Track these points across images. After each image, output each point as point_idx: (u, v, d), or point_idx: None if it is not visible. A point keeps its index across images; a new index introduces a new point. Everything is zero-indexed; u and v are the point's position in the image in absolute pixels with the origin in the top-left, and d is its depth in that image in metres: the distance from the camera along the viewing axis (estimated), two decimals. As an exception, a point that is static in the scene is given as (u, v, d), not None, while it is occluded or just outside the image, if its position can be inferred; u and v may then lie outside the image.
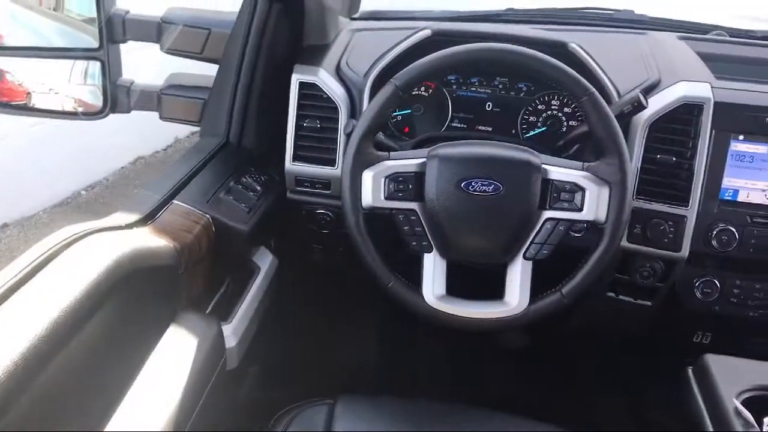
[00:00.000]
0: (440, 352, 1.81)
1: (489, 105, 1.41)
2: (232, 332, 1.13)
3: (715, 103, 1.21)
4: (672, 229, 1.23)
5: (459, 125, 1.43)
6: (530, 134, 1.40)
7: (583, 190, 1.08)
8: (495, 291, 1.14)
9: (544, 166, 1.10)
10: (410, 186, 1.11)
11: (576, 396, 1.72)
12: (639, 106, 1.15)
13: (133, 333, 0.94)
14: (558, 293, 1.10)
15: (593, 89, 1.07)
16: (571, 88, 1.08)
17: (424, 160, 1.11)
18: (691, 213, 1.22)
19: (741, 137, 1.22)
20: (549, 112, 1.39)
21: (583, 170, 1.09)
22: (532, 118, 1.40)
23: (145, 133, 4.12)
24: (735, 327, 1.34)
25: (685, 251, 1.24)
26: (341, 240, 1.36)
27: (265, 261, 1.31)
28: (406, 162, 1.12)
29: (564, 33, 1.42)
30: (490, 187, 1.08)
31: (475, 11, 1.68)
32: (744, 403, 0.95)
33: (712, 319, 1.32)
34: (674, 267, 1.26)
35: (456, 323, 1.12)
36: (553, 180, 1.09)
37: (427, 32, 1.35)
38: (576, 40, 1.36)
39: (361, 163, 1.11)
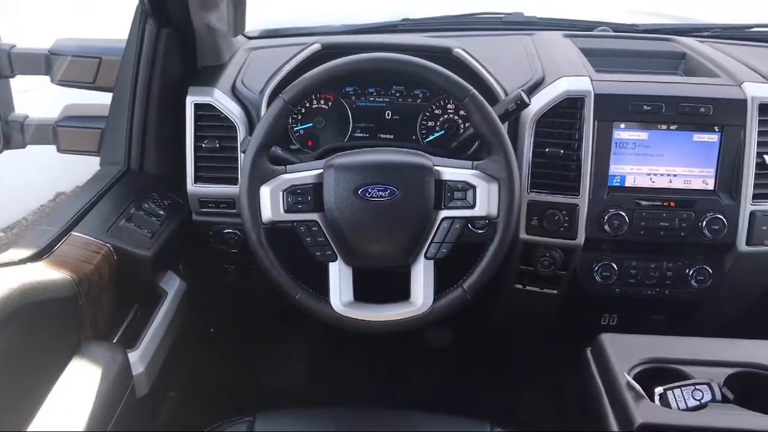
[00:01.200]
0: (366, 359, 1.83)
1: (388, 113, 1.45)
2: (138, 359, 1.12)
3: (596, 95, 1.27)
4: (566, 218, 1.29)
5: (361, 135, 1.46)
6: (430, 138, 1.44)
7: (473, 187, 1.12)
8: (403, 293, 1.16)
9: (436, 167, 1.13)
10: (309, 197, 1.13)
11: (498, 387, 1.77)
12: (522, 104, 1.20)
13: (31, 368, 0.92)
14: (460, 289, 1.14)
15: (474, 90, 1.12)
16: (453, 91, 1.12)
17: (321, 171, 1.13)
18: (582, 201, 1.28)
19: (622, 125, 1.29)
20: (446, 116, 1.43)
21: (473, 169, 1.13)
22: (430, 123, 1.44)
23: (68, 167, 4.00)
24: (637, 306, 1.41)
25: (580, 238, 1.29)
26: (252, 258, 1.37)
27: (172, 285, 1.30)
28: (303, 174, 1.13)
29: (453, 39, 1.47)
30: (387, 192, 1.11)
31: (371, 23, 1.71)
32: (636, 376, 1.00)
33: (615, 300, 1.39)
34: (572, 254, 1.32)
35: (364, 328, 1.14)
36: (446, 180, 1.13)
37: (317, 46, 1.38)
38: (464, 44, 1.41)
39: (258, 178, 1.12)
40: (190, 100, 1.33)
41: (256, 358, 1.85)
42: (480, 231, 1.33)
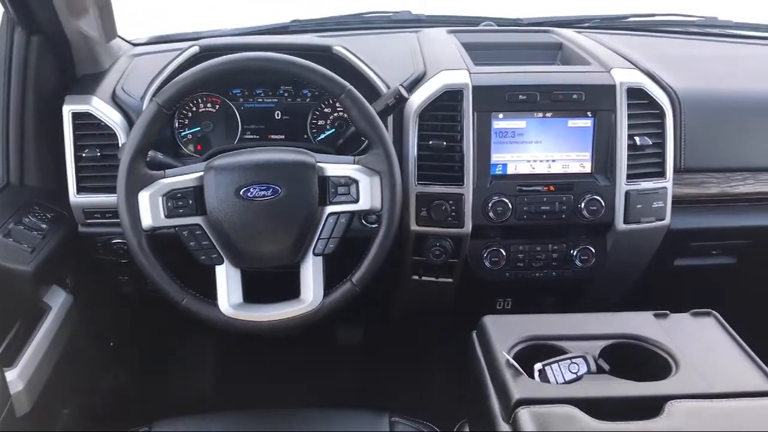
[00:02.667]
0: (274, 361, 1.82)
1: (278, 114, 1.45)
2: (17, 376, 1.08)
3: (474, 87, 1.31)
4: (453, 208, 1.32)
5: (251, 137, 1.45)
6: (321, 137, 1.45)
7: (356, 182, 1.13)
8: (297, 290, 1.17)
9: (319, 164, 1.14)
10: (190, 201, 1.11)
11: (402, 378, 1.79)
12: (401, 98, 1.23)
13: None
14: (349, 282, 1.15)
15: (350, 86, 1.13)
16: (329, 88, 1.14)
17: (202, 173, 1.12)
18: (467, 191, 1.32)
19: (501, 115, 1.33)
20: (336, 114, 1.45)
21: (354, 164, 1.15)
22: (320, 122, 1.45)
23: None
24: (528, 289, 1.46)
25: (468, 226, 1.33)
26: None
27: (57, 300, 1.26)
28: (184, 178, 1.12)
29: (338, 38, 1.48)
30: (269, 191, 1.11)
31: (261, 26, 1.71)
32: (517, 354, 1.03)
33: (508, 285, 1.43)
34: (462, 242, 1.35)
35: (255, 329, 1.14)
36: (329, 176, 1.14)
37: (195, 49, 1.36)
38: (349, 43, 1.42)
39: (135, 184, 1.10)
40: (67, 109, 1.30)
41: (160, 367, 1.82)
42: (373, 225, 1.35)
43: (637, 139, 1.33)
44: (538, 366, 1.00)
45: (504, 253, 1.38)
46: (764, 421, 0.90)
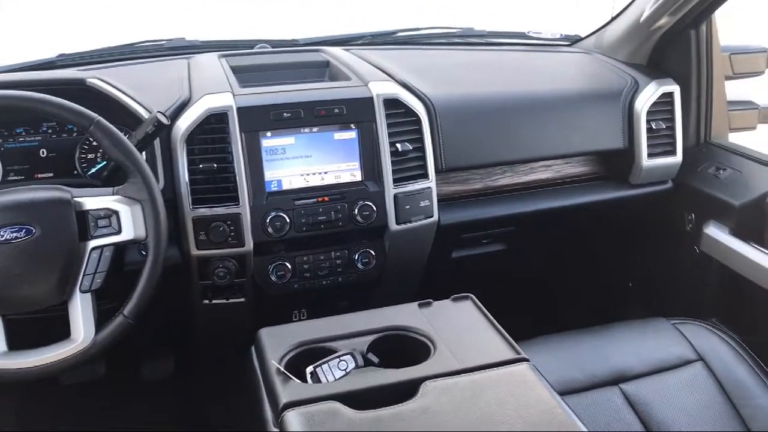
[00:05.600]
0: (78, 410, 1.75)
1: (43, 152, 1.39)
2: None
3: (238, 108, 1.35)
4: (232, 228, 1.34)
5: (16, 178, 1.39)
6: (92, 171, 1.42)
7: (116, 213, 1.13)
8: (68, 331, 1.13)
9: (75, 199, 1.12)
10: None
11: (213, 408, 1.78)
12: (160, 125, 1.23)
13: None
14: (121, 316, 1.14)
15: (99, 118, 1.12)
16: (76, 121, 1.12)
17: None
18: (244, 210, 1.34)
19: (269, 134, 1.37)
20: None
21: (114, 194, 1.14)
22: (90, 155, 1.41)
23: None
24: (320, 298, 1.51)
25: (249, 244, 1.36)
26: None
27: None
28: None
29: (101, 70, 1.46)
30: (22, 233, 1.08)
31: (26, 62, 1.64)
32: (290, 360, 1.08)
33: (298, 296, 1.47)
34: (245, 261, 1.38)
35: (24, 376, 1.10)
36: (88, 210, 1.12)
37: None
38: (115, 74, 1.41)
39: None
40: None
41: None
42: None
43: (398, 145, 1.43)
44: (309, 369, 1.05)
45: (289, 266, 1.42)
46: (506, 386, 1.00)
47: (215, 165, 1.34)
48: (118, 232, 1.13)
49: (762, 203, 1.53)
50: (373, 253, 1.47)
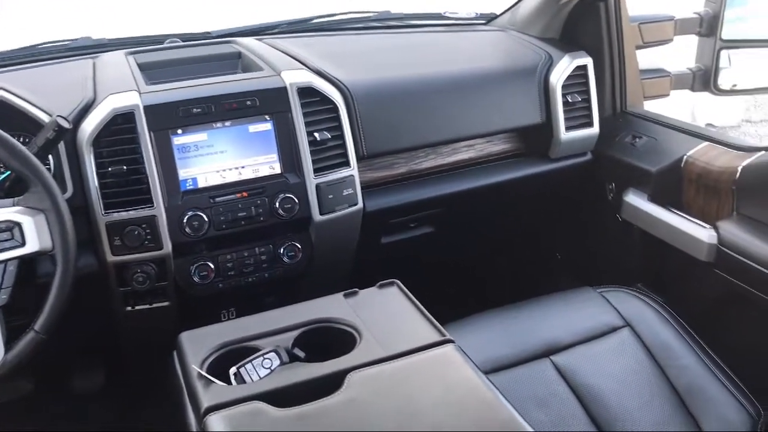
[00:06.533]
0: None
1: None
2: None
3: (145, 107, 1.30)
4: (147, 231, 1.30)
5: None
6: None
7: (18, 224, 1.07)
8: None
9: None
10: None
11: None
12: (61, 129, 1.18)
13: None
14: (32, 332, 1.09)
15: None
16: None
17: None
18: (159, 211, 1.30)
19: (179, 131, 1.33)
20: None
21: (14, 206, 1.09)
22: None
23: None
24: (247, 295, 1.48)
25: (167, 247, 1.32)
26: None
27: None
28: None
29: None
30: None
31: None
32: (213, 363, 1.05)
33: (224, 295, 1.44)
34: (165, 263, 1.34)
35: None
36: None
37: None
38: (11, 79, 1.34)
39: None
40: None
41: None
42: None
43: (316, 134, 1.41)
44: (233, 370, 1.02)
45: (212, 266, 1.39)
46: (431, 369, 1.00)
47: (125, 167, 1.29)
48: (22, 244, 1.08)
49: (677, 168, 1.57)
50: (299, 246, 1.44)
